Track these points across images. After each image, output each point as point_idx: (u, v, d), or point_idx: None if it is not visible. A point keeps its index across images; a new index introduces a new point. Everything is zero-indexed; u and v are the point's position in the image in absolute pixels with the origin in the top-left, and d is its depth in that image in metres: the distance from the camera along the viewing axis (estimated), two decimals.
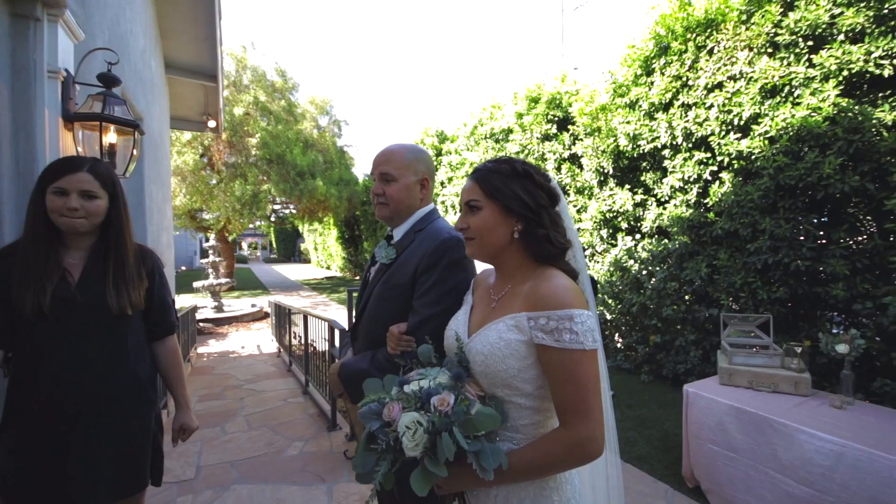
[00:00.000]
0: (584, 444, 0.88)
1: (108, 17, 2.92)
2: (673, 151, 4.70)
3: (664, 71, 4.68)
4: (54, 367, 1.32)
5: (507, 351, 0.94)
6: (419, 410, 0.91)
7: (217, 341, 7.98)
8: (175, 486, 2.77)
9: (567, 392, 0.89)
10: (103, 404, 1.38)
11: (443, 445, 0.85)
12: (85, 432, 1.35)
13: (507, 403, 0.98)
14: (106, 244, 1.43)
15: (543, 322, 0.91)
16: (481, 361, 0.97)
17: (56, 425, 1.32)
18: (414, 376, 1.01)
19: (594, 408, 0.89)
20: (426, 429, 0.88)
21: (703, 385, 2.88)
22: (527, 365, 0.95)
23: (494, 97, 8.39)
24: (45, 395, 1.31)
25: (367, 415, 0.95)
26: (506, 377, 0.95)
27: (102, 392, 1.38)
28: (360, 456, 0.95)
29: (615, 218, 5.62)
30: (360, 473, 0.94)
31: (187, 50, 5.55)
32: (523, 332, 0.94)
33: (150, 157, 4.58)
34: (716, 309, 4.25)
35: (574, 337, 0.88)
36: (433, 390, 0.94)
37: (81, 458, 1.35)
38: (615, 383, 4.87)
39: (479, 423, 0.90)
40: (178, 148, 11.99)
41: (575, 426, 0.88)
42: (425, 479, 0.87)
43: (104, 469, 1.39)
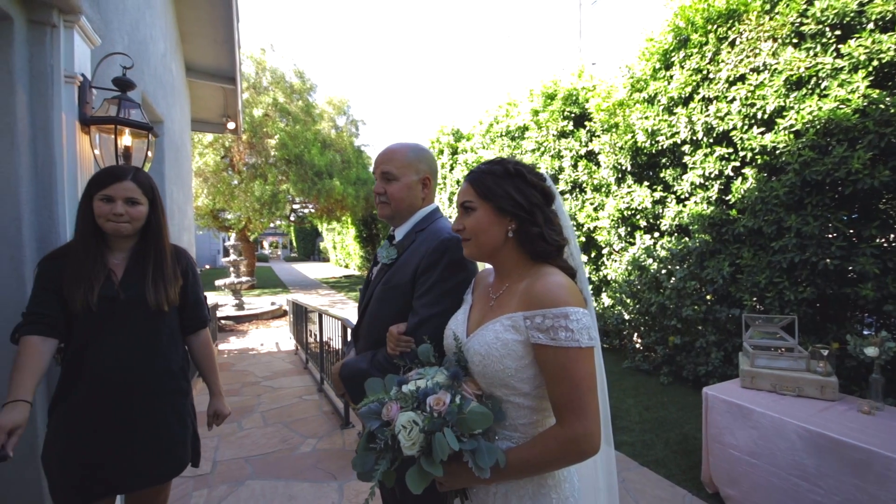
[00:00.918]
0: (580, 441, 0.88)
1: (126, 22, 2.99)
2: (693, 147, 4.57)
3: (684, 64, 4.55)
4: (96, 358, 1.44)
5: (504, 351, 0.95)
6: (416, 410, 0.92)
7: (237, 338, 8.14)
8: (191, 481, 2.83)
9: (563, 390, 0.90)
10: (140, 392, 1.50)
11: (437, 445, 0.86)
12: (123, 418, 1.46)
13: (505, 403, 0.99)
14: (145, 246, 1.56)
15: (539, 321, 0.91)
16: (479, 362, 0.98)
17: (97, 411, 1.43)
18: (413, 376, 1.02)
19: (590, 405, 0.90)
20: (422, 428, 0.89)
21: (723, 388, 2.79)
22: (524, 365, 0.95)
23: (510, 94, 8.31)
24: (88, 382, 1.43)
25: (367, 414, 0.97)
26: (503, 377, 0.96)
27: (139, 380, 1.50)
28: (359, 455, 0.96)
29: (633, 216, 5.50)
30: (360, 472, 0.95)
31: (207, 53, 5.67)
32: (520, 332, 0.94)
33: (170, 159, 4.69)
34: (738, 309, 4.12)
35: (570, 335, 0.89)
36: (430, 390, 0.95)
37: (120, 442, 1.46)
38: (633, 384, 4.78)
39: (472, 421, 0.90)
40: (199, 150, 12.28)
41: (571, 423, 0.89)
42: (421, 477, 0.88)
43: (141, 453, 1.49)
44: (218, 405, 1.84)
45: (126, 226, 1.49)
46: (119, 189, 1.46)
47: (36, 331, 1.36)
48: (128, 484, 1.49)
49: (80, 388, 1.42)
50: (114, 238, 1.52)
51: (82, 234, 1.47)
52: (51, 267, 1.44)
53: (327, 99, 15.27)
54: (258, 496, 2.68)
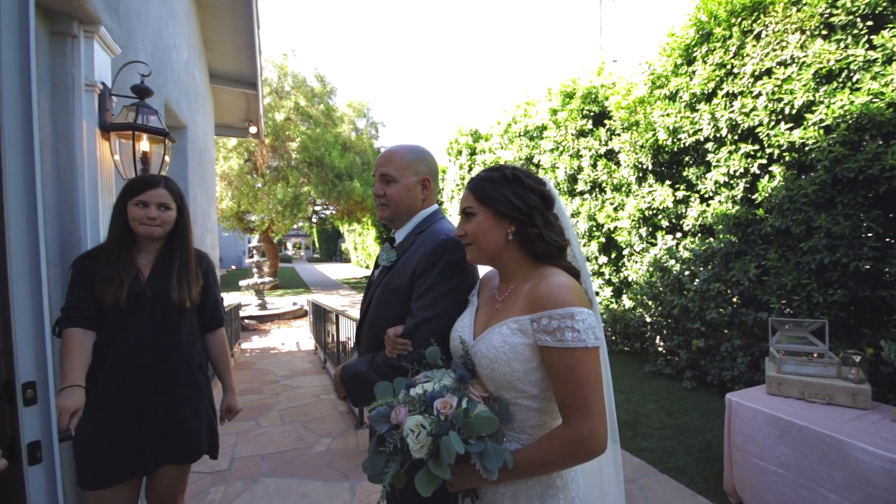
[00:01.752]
0: (586, 440, 0.89)
1: (150, 31, 3.09)
2: (717, 144, 4.43)
3: (706, 59, 4.41)
4: (123, 349, 1.56)
5: (511, 355, 0.96)
6: (423, 413, 0.93)
7: (260, 337, 8.32)
8: (209, 477, 2.91)
9: (569, 390, 0.91)
10: (159, 382, 1.61)
11: (444, 449, 0.87)
12: (144, 406, 1.58)
13: (512, 405, 1.00)
14: (171, 248, 1.69)
15: (546, 322, 0.93)
16: (487, 365, 1.00)
17: (123, 397, 1.55)
18: (420, 379, 1.03)
19: (596, 405, 0.90)
20: (429, 432, 0.90)
21: (748, 394, 2.69)
22: (532, 368, 0.96)
23: (528, 94, 8.23)
24: (115, 371, 1.55)
25: (377, 418, 0.98)
26: (511, 380, 0.97)
27: (159, 372, 1.61)
28: (370, 458, 0.98)
29: (655, 216, 5.37)
30: (370, 475, 0.97)
31: (229, 60, 5.82)
32: (528, 336, 0.96)
33: (194, 163, 4.83)
34: (765, 313, 3.96)
35: (576, 335, 0.90)
36: (437, 393, 0.96)
37: (140, 428, 1.57)
38: (655, 388, 4.66)
39: (478, 426, 0.91)
40: (224, 153, 12.62)
41: (577, 423, 0.90)
42: (430, 480, 0.89)
43: (158, 441, 1.61)
44: (231, 401, 1.95)
45: (158, 229, 1.62)
46: (153, 195, 1.60)
47: (77, 323, 1.47)
48: (148, 467, 1.61)
49: (108, 376, 1.54)
50: (143, 240, 1.64)
51: (116, 235, 1.60)
52: (84, 266, 1.56)
53: (347, 102, 15.48)
54: (272, 494, 2.72)
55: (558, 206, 1.10)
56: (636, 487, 2.89)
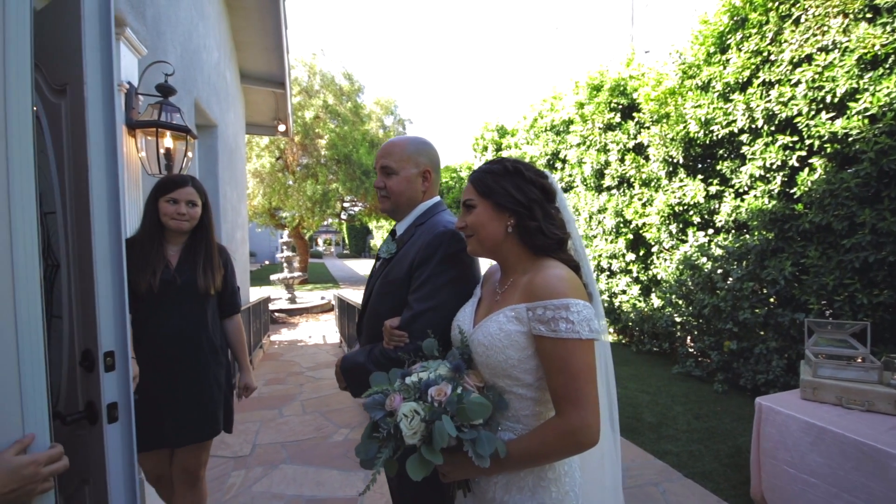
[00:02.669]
0: (577, 432, 0.90)
1: (179, 33, 3.21)
2: (752, 136, 4.21)
3: (741, 46, 4.20)
4: (155, 331, 1.71)
5: (507, 342, 0.97)
6: (418, 401, 0.95)
7: (288, 330, 8.56)
8: (232, 461, 3.03)
9: (562, 381, 0.92)
10: (187, 361, 1.77)
11: (437, 433, 0.88)
12: (174, 382, 1.73)
13: (507, 394, 1.01)
14: (196, 240, 1.86)
15: (541, 312, 0.93)
16: (482, 352, 1.01)
17: (153, 374, 1.67)
18: (416, 369, 1.05)
19: (589, 397, 0.91)
20: (423, 417, 0.91)
21: (780, 399, 2.56)
22: (527, 356, 0.97)
23: (555, 88, 8.09)
24: (147, 351, 1.69)
25: (372, 405, 1.00)
26: (506, 367, 0.98)
27: (188, 351, 1.78)
28: (363, 443, 0.99)
29: (686, 211, 5.17)
30: (362, 460, 0.98)
31: (258, 60, 5.99)
32: (523, 324, 0.97)
33: (224, 161, 5.01)
34: (803, 314, 3.75)
35: (570, 326, 0.90)
36: (432, 381, 0.98)
37: (169, 402, 1.71)
38: (683, 391, 4.50)
39: (472, 411, 0.91)
40: (256, 152, 13.02)
41: (569, 414, 0.91)
42: (422, 465, 0.90)
43: (186, 414, 1.76)
44: (247, 379, 2.14)
45: (186, 223, 1.79)
46: (182, 193, 1.77)
47: None
48: (175, 440, 1.75)
49: (140, 356, 1.65)
50: (172, 233, 1.80)
51: (148, 229, 1.76)
52: None
53: (375, 99, 15.65)
54: (289, 480, 2.82)
55: (560, 200, 1.10)
56: (658, 491, 2.81)
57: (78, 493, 1.33)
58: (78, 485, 1.32)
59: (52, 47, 1.25)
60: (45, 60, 1.26)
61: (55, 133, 1.28)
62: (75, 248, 1.26)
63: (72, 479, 1.32)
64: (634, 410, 4.06)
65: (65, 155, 1.25)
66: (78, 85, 1.18)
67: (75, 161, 1.22)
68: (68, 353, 1.30)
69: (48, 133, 1.29)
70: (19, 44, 0.81)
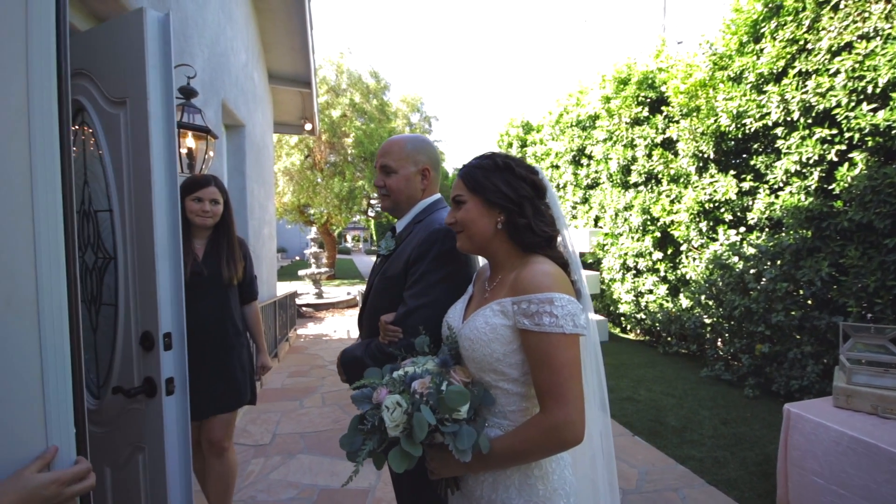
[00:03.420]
0: (560, 428, 0.89)
1: (207, 37, 3.33)
2: (787, 129, 4.00)
3: (776, 35, 3.99)
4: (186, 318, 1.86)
5: (492, 335, 0.97)
6: (402, 393, 0.95)
7: (314, 324, 8.77)
8: (252, 449, 3.15)
9: (545, 376, 0.91)
10: (215, 343, 1.98)
11: (416, 423, 0.89)
12: (203, 362, 1.89)
13: (494, 389, 1.01)
14: (219, 235, 2.06)
15: (525, 306, 0.93)
16: (468, 346, 1.01)
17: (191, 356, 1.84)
18: (407, 363, 1.06)
19: (572, 392, 0.90)
20: (405, 409, 0.92)
21: (810, 406, 2.44)
22: (511, 350, 0.97)
23: (581, 82, 7.91)
24: None
25: (360, 398, 1.01)
26: (491, 361, 0.98)
27: (215, 335, 1.98)
28: (347, 435, 1.01)
29: (717, 208, 4.97)
30: (347, 452, 0.99)
31: (285, 60, 6.13)
32: (508, 317, 0.96)
33: (252, 159, 5.16)
34: (841, 317, 3.55)
35: (553, 320, 0.90)
36: (417, 375, 0.98)
37: (200, 379, 1.85)
38: (711, 395, 4.35)
39: (451, 400, 0.91)
40: (286, 150, 13.35)
41: (552, 410, 0.90)
42: (403, 458, 0.91)
43: (212, 390, 1.96)
44: (264, 359, 2.38)
45: (210, 220, 1.98)
46: (206, 192, 1.96)
47: None
48: (204, 411, 1.94)
49: None
50: (197, 228, 1.98)
51: None
52: None
53: (401, 97, 15.74)
54: (305, 469, 2.90)
55: (551, 196, 1.09)
56: (678, 497, 2.73)
57: (131, 461, 1.49)
58: (130, 453, 1.49)
59: (109, 63, 1.41)
60: (100, 75, 1.43)
61: (112, 140, 1.43)
62: (134, 242, 1.42)
63: (125, 448, 1.49)
64: (658, 413, 3.95)
65: (123, 159, 1.41)
66: (141, 99, 1.34)
67: (136, 165, 1.38)
68: (123, 336, 1.46)
69: (104, 140, 1.45)
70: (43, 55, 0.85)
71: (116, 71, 1.40)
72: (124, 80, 1.38)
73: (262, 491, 2.68)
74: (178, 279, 1.44)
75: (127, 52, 1.36)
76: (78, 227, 1.59)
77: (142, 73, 1.33)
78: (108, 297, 1.54)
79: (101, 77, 1.44)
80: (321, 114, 12.71)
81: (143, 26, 1.32)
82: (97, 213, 1.55)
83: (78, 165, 1.57)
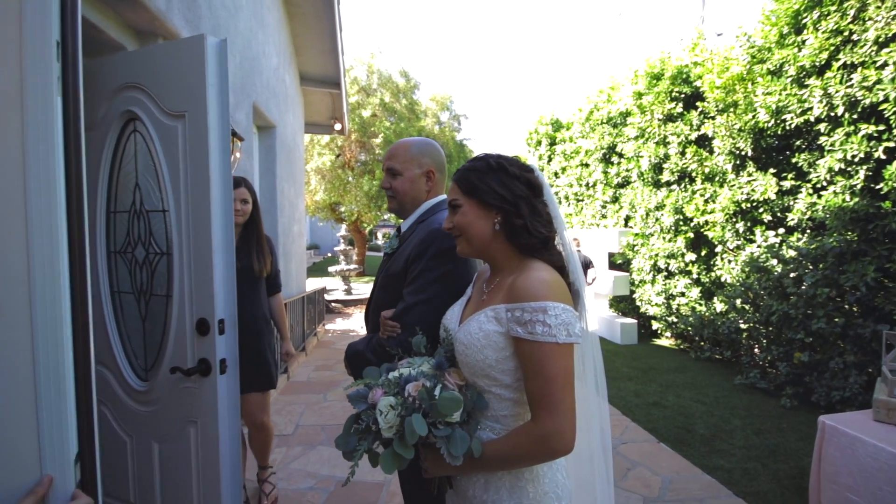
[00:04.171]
0: (550, 438, 0.88)
1: (238, 42, 3.47)
2: (831, 125, 3.77)
3: (818, 26, 3.77)
4: None
5: (484, 341, 0.97)
6: (396, 396, 0.96)
7: (343, 320, 8.97)
8: (276, 438, 3.23)
9: (537, 385, 0.90)
10: (248, 330, 2.08)
11: (408, 430, 0.90)
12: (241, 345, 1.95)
13: (487, 393, 1.01)
14: (249, 232, 2.23)
15: (518, 314, 0.93)
16: (462, 350, 1.01)
17: None
18: (404, 364, 1.07)
19: (563, 403, 0.89)
20: (398, 413, 0.93)
21: (847, 419, 2.32)
22: (504, 356, 0.96)
23: (613, 78, 7.71)
24: None
25: (355, 397, 1.03)
26: (483, 367, 0.98)
27: (248, 322, 2.10)
28: (343, 435, 1.03)
29: (754, 208, 4.75)
30: (343, 451, 1.01)
31: (315, 62, 6.30)
32: (501, 324, 0.96)
33: (282, 159, 5.33)
34: (887, 325, 3.33)
35: (546, 329, 0.89)
36: (411, 377, 0.99)
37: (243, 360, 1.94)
38: (745, 403, 4.17)
39: (443, 407, 0.92)
40: (318, 150, 13.69)
41: (543, 420, 0.89)
42: (394, 459, 0.92)
43: (248, 369, 2.06)
44: (287, 347, 2.60)
45: (240, 218, 2.14)
46: (237, 193, 2.07)
47: None
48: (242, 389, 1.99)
49: None
50: None
51: None
52: None
53: (431, 96, 15.82)
54: (324, 460, 2.99)
55: (547, 194, 1.07)
56: None
57: (182, 434, 1.66)
58: (181, 427, 1.66)
59: (167, 80, 1.60)
60: (157, 89, 1.62)
61: (168, 148, 1.62)
62: (190, 239, 1.59)
63: (175, 422, 1.67)
64: (686, 420, 3.82)
65: (180, 165, 1.60)
66: (200, 113, 1.53)
67: (194, 170, 1.57)
68: (177, 323, 1.64)
69: (160, 148, 1.63)
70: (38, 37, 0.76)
71: (175, 87, 1.58)
72: (183, 95, 1.57)
73: (283, 479, 2.77)
74: (232, 271, 1.62)
75: (187, 71, 1.55)
76: (127, 226, 1.78)
77: (202, 91, 1.52)
78: (160, 289, 1.72)
79: (157, 91, 1.62)
80: (352, 113, 12.95)
81: (204, 50, 1.51)
82: (149, 212, 1.72)
83: (129, 169, 1.76)
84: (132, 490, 1.80)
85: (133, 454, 1.78)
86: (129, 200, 1.76)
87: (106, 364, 1.82)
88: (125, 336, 1.83)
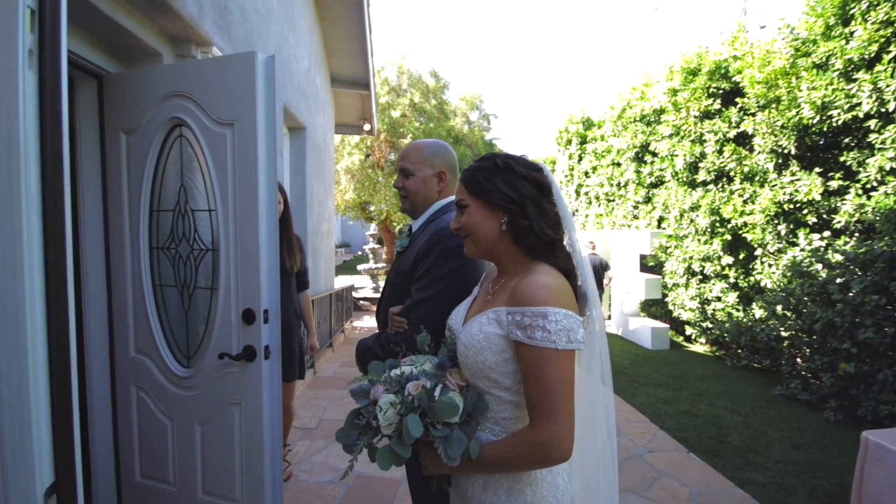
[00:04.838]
0: (546, 445, 0.87)
1: (270, 46, 3.58)
2: (881, 121, 3.53)
3: (867, 16, 3.53)
4: None
5: (485, 343, 0.96)
6: (397, 394, 0.98)
7: (370, 318, 9.12)
8: (300, 431, 3.36)
9: (536, 390, 0.89)
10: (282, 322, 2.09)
11: (405, 430, 0.91)
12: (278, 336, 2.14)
13: (486, 395, 1.00)
14: (280, 231, 2.20)
15: (519, 318, 0.92)
16: (462, 352, 1.01)
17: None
18: (406, 362, 1.08)
19: (561, 410, 0.88)
20: (398, 411, 0.94)
21: (893, 435, 2.16)
22: (504, 359, 0.96)
23: (647, 74, 7.49)
24: None
25: (358, 392, 1.04)
26: (483, 369, 0.98)
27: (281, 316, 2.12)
28: (343, 429, 1.04)
29: (798, 210, 4.50)
30: (343, 445, 1.03)
31: (346, 64, 6.42)
32: (502, 327, 0.96)
33: (312, 159, 5.47)
34: None
35: (546, 335, 0.88)
36: (413, 376, 1.00)
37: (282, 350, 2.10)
38: (783, 416, 3.96)
39: (440, 410, 0.92)
40: (348, 150, 13.95)
41: (540, 426, 0.88)
42: (391, 456, 0.93)
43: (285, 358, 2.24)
44: (312, 341, 2.77)
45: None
46: None
47: None
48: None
49: None
50: None
51: None
52: None
53: (461, 95, 15.81)
54: (346, 454, 2.97)
55: (556, 194, 1.05)
56: None
57: (224, 414, 1.80)
58: (224, 408, 1.80)
59: (215, 90, 1.73)
60: (205, 99, 1.75)
61: (216, 153, 1.75)
62: (238, 236, 1.73)
63: (217, 405, 1.80)
64: (718, 431, 3.66)
65: (228, 169, 1.73)
66: (250, 122, 1.67)
67: (241, 174, 1.70)
68: (222, 313, 1.78)
69: (208, 152, 1.76)
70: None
71: (224, 98, 1.72)
72: (232, 105, 1.70)
73: (305, 472, 2.85)
74: (275, 266, 1.75)
75: (236, 83, 1.69)
76: (171, 224, 1.90)
77: (252, 102, 1.66)
78: (204, 282, 1.86)
79: (206, 101, 1.75)
80: (382, 114, 13.11)
81: (255, 65, 1.66)
82: (195, 212, 1.85)
83: (174, 171, 1.88)
84: (172, 471, 1.92)
85: (174, 436, 1.90)
86: (173, 200, 1.89)
87: (148, 353, 1.94)
88: (167, 326, 1.95)
